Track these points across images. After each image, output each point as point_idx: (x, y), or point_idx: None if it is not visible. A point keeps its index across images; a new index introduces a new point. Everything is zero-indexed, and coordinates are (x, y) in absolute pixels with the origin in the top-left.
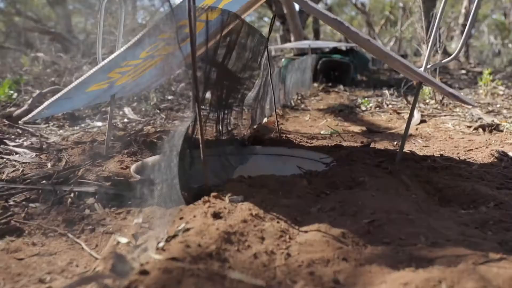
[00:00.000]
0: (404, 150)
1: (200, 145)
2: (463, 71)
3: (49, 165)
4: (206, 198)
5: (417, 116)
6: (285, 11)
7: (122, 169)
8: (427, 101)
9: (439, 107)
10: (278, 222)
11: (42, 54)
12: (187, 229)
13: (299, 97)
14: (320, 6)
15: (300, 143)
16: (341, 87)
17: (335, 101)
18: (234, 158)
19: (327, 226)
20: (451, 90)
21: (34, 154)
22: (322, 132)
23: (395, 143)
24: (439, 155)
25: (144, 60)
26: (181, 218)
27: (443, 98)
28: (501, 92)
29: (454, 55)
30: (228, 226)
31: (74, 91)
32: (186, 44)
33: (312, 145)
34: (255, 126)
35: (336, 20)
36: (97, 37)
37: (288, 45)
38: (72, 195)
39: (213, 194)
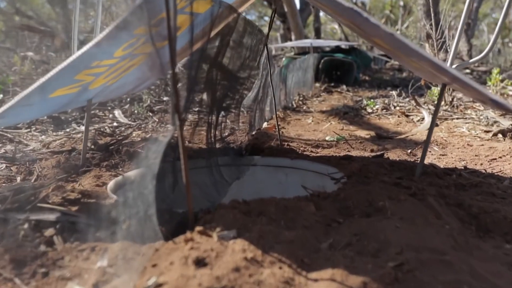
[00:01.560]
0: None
1: (183, 168)
2: (468, 70)
3: (18, 179)
4: (188, 235)
5: (428, 119)
6: (285, 9)
7: (98, 186)
8: (435, 102)
9: (449, 109)
10: (280, 268)
11: (31, 53)
12: (160, 285)
13: (301, 98)
14: None
15: (304, 153)
16: (344, 87)
17: (338, 102)
18: (229, 171)
19: (342, 272)
20: (493, 96)
21: (4, 165)
22: (327, 138)
23: (409, 151)
24: (462, 167)
25: (122, 60)
26: (154, 265)
27: (453, 99)
28: (511, 93)
29: (484, 53)
30: (215, 278)
31: (35, 97)
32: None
33: (318, 154)
34: (253, 133)
35: (352, 10)
36: (72, 33)
37: (289, 44)
38: (27, 225)
39: (198, 229)
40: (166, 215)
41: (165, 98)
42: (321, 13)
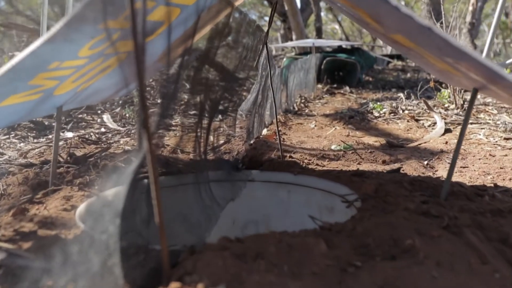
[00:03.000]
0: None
1: (154, 203)
2: None
3: None
4: None
5: (440, 124)
6: (286, 8)
7: (65, 210)
8: (446, 105)
9: (461, 113)
10: None
11: (18, 53)
12: None
13: (303, 100)
14: None
15: (309, 166)
16: (347, 88)
17: (342, 104)
18: (221, 190)
19: None
20: None
21: None
22: (333, 147)
23: (426, 162)
24: (491, 184)
25: (92, 60)
26: None
27: (464, 102)
28: None
29: None
30: None
31: None
32: (155, 39)
33: (324, 168)
34: (251, 141)
35: None
36: (40, 30)
37: (290, 43)
38: None
39: (173, 285)
40: (138, 255)
41: (159, 101)
42: (322, 13)
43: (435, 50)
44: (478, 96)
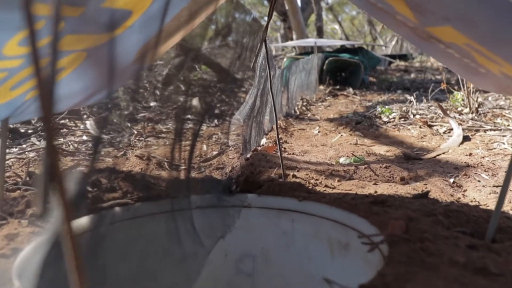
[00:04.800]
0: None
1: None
2: None
3: None
4: None
5: (458, 131)
6: (286, 7)
7: (3, 257)
8: (459, 109)
9: (476, 117)
10: None
11: None
12: None
13: (304, 103)
14: None
15: (316, 187)
16: (351, 90)
17: (346, 107)
18: (208, 223)
19: None
20: None
21: None
22: (342, 161)
23: (452, 180)
24: None
25: (31, 61)
26: None
27: (479, 106)
28: None
29: None
30: None
31: None
32: (127, 34)
33: (335, 191)
34: (248, 156)
35: None
36: None
37: (290, 43)
38: None
39: None
40: None
41: (152, 104)
42: (323, 13)
43: (509, 46)
44: (490, 99)
